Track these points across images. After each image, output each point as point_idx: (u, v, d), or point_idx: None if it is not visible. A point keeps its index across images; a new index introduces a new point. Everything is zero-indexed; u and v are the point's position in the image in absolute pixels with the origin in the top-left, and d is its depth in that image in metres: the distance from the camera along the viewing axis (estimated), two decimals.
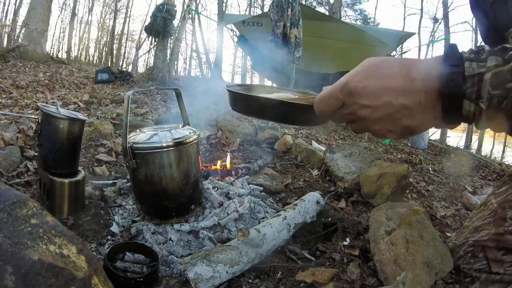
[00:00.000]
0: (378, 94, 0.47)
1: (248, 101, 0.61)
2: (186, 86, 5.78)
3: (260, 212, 1.59)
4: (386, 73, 0.47)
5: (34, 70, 5.75)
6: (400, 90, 0.46)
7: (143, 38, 17.55)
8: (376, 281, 1.14)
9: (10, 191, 0.83)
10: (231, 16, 8.24)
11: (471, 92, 0.44)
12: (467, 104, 0.44)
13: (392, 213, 1.32)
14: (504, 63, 0.43)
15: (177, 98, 1.53)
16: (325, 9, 14.40)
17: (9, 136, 1.88)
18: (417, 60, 0.48)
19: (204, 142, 2.70)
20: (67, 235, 0.81)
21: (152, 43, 6.88)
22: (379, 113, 0.48)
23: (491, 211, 1.11)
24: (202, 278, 1.03)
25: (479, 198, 2.29)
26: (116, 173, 1.89)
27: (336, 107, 0.52)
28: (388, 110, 0.47)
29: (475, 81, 0.43)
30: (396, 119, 0.48)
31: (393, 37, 4.98)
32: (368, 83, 0.47)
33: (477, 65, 0.44)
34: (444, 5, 11.21)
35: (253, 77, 18.39)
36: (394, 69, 0.47)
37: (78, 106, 3.32)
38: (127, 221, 1.43)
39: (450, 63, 0.45)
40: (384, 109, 0.47)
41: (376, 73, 0.48)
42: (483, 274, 1.04)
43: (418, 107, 0.46)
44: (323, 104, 0.53)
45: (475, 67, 0.44)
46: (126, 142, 1.23)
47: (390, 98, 0.46)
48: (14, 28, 13.75)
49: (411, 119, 0.47)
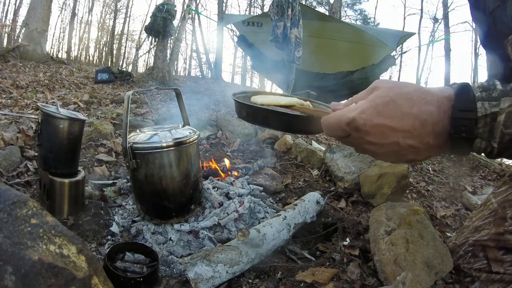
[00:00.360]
0: (386, 134, 0.46)
1: (255, 112, 0.62)
2: (185, 86, 5.79)
3: (260, 212, 1.59)
4: (396, 112, 0.46)
5: (34, 70, 5.75)
6: (409, 132, 0.45)
7: (143, 38, 17.57)
8: (376, 281, 1.14)
9: (10, 191, 0.83)
10: (231, 16, 8.24)
11: (483, 132, 0.44)
12: (478, 142, 0.45)
13: (392, 213, 1.32)
14: None
15: (177, 98, 1.53)
16: (325, 9, 14.40)
17: (9, 136, 1.88)
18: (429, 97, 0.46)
19: (204, 142, 2.70)
20: (67, 235, 0.81)
21: (152, 43, 6.89)
22: (385, 149, 0.48)
23: (491, 210, 1.11)
24: (202, 278, 1.03)
25: (479, 198, 2.29)
26: (116, 173, 1.89)
27: (341, 136, 0.51)
28: (394, 148, 0.47)
29: (488, 121, 0.44)
30: (402, 155, 0.48)
31: (393, 37, 4.97)
32: (377, 123, 0.46)
33: (489, 105, 0.44)
34: (444, 5, 11.22)
35: (253, 77, 18.42)
36: (403, 108, 0.45)
37: (78, 106, 3.32)
38: (127, 221, 1.43)
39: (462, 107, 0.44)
40: (390, 147, 0.47)
41: (386, 112, 0.46)
42: (483, 273, 1.04)
43: (426, 147, 0.46)
44: (329, 131, 0.52)
45: (487, 107, 0.44)
46: (126, 142, 1.23)
47: (397, 139, 0.46)
48: (14, 28, 13.76)
49: (417, 155, 0.48)
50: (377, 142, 0.47)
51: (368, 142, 0.48)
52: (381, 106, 0.46)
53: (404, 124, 0.45)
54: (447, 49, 9.74)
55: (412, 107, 0.45)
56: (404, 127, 0.45)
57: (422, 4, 20.80)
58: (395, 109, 0.46)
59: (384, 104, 0.46)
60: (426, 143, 0.46)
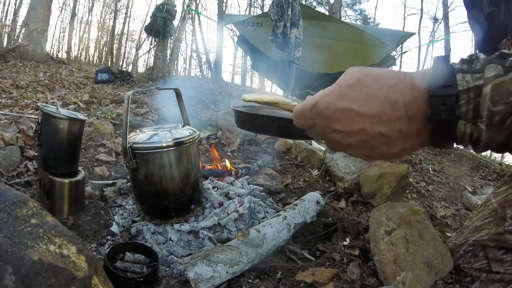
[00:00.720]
0: (350, 119, 0.40)
1: (252, 118, 0.63)
2: (185, 86, 5.79)
3: (260, 212, 1.59)
4: (362, 94, 0.40)
5: (34, 70, 5.75)
6: (377, 116, 0.39)
7: (143, 38, 17.54)
8: (376, 281, 1.14)
9: (10, 191, 0.83)
10: (231, 16, 8.24)
11: (467, 110, 0.37)
12: (462, 125, 0.37)
13: (392, 213, 1.32)
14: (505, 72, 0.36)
15: (177, 98, 1.53)
16: (325, 9, 14.40)
17: (9, 136, 1.89)
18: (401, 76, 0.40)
19: (204, 142, 2.70)
20: (67, 235, 0.81)
21: (152, 43, 6.88)
22: (352, 139, 0.41)
23: (491, 210, 1.12)
24: (202, 278, 1.03)
25: (479, 198, 2.29)
26: (116, 173, 1.89)
27: (308, 125, 0.46)
28: (362, 137, 0.40)
29: (471, 97, 0.36)
30: (372, 146, 0.41)
31: (393, 37, 4.98)
32: (340, 106, 0.40)
33: (471, 77, 0.37)
34: (444, 5, 11.22)
35: (253, 77, 18.42)
36: (371, 89, 0.39)
37: (78, 106, 3.32)
38: (127, 221, 1.43)
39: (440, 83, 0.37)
40: (357, 136, 0.41)
41: (351, 94, 0.40)
42: (483, 273, 1.04)
43: (398, 135, 0.40)
44: (297, 120, 0.47)
45: (470, 79, 0.37)
46: (126, 142, 1.23)
47: (364, 125, 0.40)
48: (14, 28, 13.76)
49: (390, 147, 0.41)
50: (342, 130, 0.41)
51: (333, 130, 0.42)
52: (345, 89, 0.41)
53: (371, 107, 0.39)
54: (447, 49, 9.74)
55: (380, 88, 0.39)
56: (371, 111, 0.39)
57: (422, 4, 20.84)
58: (361, 91, 0.40)
59: (349, 86, 0.41)
60: (398, 130, 0.39)
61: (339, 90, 0.41)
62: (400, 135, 0.40)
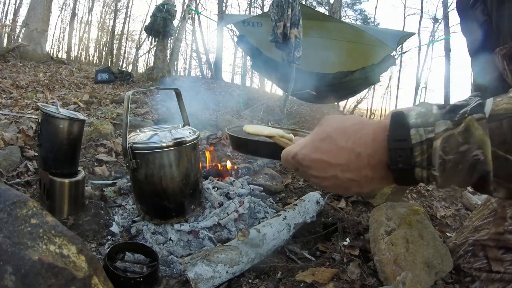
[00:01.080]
0: (324, 167, 0.47)
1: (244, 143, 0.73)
2: (185, 86, 5.79)
3: (260, 212, 1.59)
4: (332, 147, 0.46)
5: (34, 70, 5.75)
6: (345, 165, 0.45)
7: (143, 38, 17.55)
8: (376, 281, 1.14)
9: (10, 191, 0.84)
10: (231, 16, 8.23)
11: (421, 160, 0.41)
12: (419, 171, 0.42)
13: (392, 213, 1.32)
14: (454, 126, 0.40)
15: (177, 98, 1.53)
16: (325, 9, 14.38)
17: (9, 136, 1.89)
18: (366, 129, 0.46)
19: (204, 142, 2.70)
20: (67, 235, 0.81)
21: (152, 43, 6.89)
22: (328, 182, 0.48)
23: (491, 210, 1.12)
24: (202, 278, 1.03)
25: (479, 198, 2.28)
26: (116, 173, 1.89)
27: (292, 168, 0.54)
28: (336, 181, 0.47)
29: (424, 148, 0.41)
30: (346, 187, 0.48)
31: (393, 37, 4.97)
32: (315, 157, 0.48)
33: (424, 131, 0.41)
34: (444, 5, 11.20)
35: (253, 77, 18.40)
36: (340, 142, 0.46)
37: (78, 106, 3.32)
38: (127, 221, 1.43)
39: (396, 137, 0.42)
40: (331, 180, 0.48)
41: (322, 147, 0.47)
42: (483, 273, 1.04)
43: (366, 180, 0.46)
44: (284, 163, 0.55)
45: (422, 133, 0.41)
46: (126, 142, 1.23)
47: (335, 172, 0.46)
48: (14, 28, 13.74)
49: (361, 188, 0.47)
50: (318, 176, 0.48)
51: (311, 175, 0.50)
52: (318, 142, 0.48)
53: (340, 158, 0.46)
54: (447, 49, 9.73)
55: (347, 140, 0.45)
56: (340, 161, 0.46)
57: (422, 4, 20.71)
58: (331, 144, 0.47)
59: (321, 140, 0.48)
60: (364, 176, 0.45)
61: (312, 144, 0.49)
62: (367, 179, 0.46)
